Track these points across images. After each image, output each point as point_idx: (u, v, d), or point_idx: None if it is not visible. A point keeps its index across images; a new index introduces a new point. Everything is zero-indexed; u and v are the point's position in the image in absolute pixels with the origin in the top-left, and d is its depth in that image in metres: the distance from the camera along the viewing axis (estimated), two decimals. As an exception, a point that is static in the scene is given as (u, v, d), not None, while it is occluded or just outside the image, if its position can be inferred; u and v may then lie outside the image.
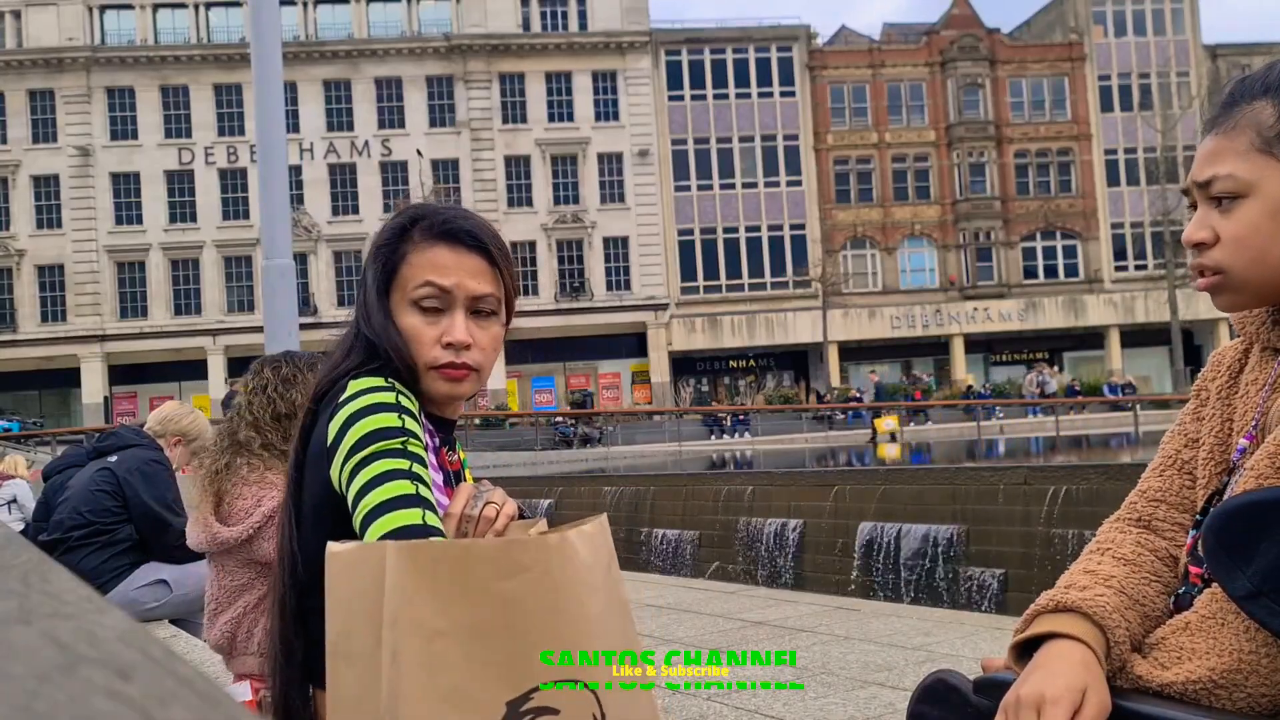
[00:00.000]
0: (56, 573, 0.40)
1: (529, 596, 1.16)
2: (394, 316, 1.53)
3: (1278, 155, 1.17)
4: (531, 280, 39.77)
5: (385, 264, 1.55)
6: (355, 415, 1.44)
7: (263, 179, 5.12)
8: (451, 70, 39.99)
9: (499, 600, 1.15)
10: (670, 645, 4.84)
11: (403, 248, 1.55)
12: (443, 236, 1.54)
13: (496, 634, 1.15)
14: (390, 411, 1.43)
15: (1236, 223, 1.19)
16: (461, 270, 1.53)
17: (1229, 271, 1.21)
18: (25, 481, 9.67)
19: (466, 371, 1.54)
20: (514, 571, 1.16)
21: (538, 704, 1.16)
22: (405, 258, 1.54)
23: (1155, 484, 1.33)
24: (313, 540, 1.49)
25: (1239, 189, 1.18)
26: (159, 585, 4.83)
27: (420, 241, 1.54)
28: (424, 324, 1.52)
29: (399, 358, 1.50)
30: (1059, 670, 1.11)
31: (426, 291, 1.51)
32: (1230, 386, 1.30)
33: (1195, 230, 1.22)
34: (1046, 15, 45.90)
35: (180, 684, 0.31)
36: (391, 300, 1.54)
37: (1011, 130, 42.14)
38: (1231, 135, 1.19)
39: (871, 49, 43.22)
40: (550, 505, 11.57)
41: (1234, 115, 1.20)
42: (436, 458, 1.52)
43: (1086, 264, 42.19)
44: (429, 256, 1.53)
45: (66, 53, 38.22)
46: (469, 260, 1.54)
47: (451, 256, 1.53)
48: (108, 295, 38.23)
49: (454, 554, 1.17)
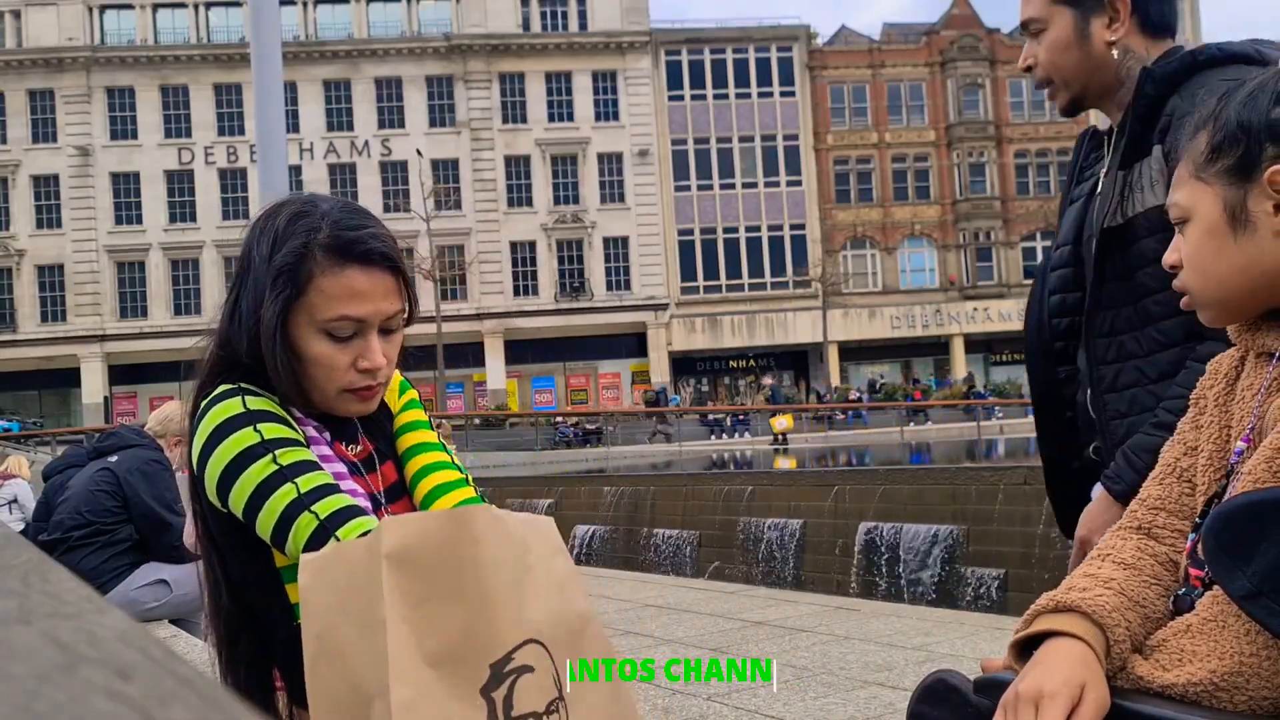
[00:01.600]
0: (56, 573, 0.40)
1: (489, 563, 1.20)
2: (296, 342, 1.44)
3: (1205, 180, 1.28)
4: (531, 280, 39.80)
5: (288, 290, 1.42)
6: (208, 442, 1.42)
7: (263, 179, 5.12)
8: (451, 70, 40.00)
9: (470, 566, 1.19)
10: (670, 645, 4.84)
11: (306, 268, 1.42)
12: (356, 259, 1.44)
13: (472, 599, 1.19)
14: (243, 427, 1.41)
15: (1187, 245, 1.32)
16: (377, 295, 1.45)
17: (1192, 291, 1.33)
18: (25, 482, 9.67)
19: (377, 389, 1.51)
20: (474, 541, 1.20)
21: (518, 663, 1.19)
22: (313, 282, 1.42)
23: (1155, 492, 1.35)
24: (232, 560, 1.48)
25: (1183, 215, 1.31)
26: (159, 585, 4.83)
27: (328, 265, 1.42)
28: (336, 350, 1.45)
29: (291, 387, 1.45)
30: (1057, 666, 1.12)
31: (343, 324, 1.44)
32: (1227, 393, 1.33)
33: (1168, 254, 1.37)
34: (1046, 15, 45.91)
35: (180, 684, 0.31)
36: (292, 322, 1.44)
37: (1011, 130, 42.16)
38: (1181, 165, 1.33)
39: (871, 49, 43.24)
40: (550, 505, 11.57)
41: (1188, 146, 1.33)
42: (331, 450, 1.50)
43: (1086, 264, 42.22)
44: (343, 283, 1.43)
45: (66, 53, 38.23)
46: (382, 281, 1.46)
47: (366, 281, 1.44)
48: (108, 295, 38.24)
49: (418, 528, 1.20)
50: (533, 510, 11.30)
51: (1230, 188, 1.25)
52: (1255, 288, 1.26)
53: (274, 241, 1.45)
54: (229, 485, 1.39)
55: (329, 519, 1.34)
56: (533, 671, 1.19)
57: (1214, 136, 1.27)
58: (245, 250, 1.49)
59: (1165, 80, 1.72)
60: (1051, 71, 1.83)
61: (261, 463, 1.38)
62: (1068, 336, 1.88)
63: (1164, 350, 1.69)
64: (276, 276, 1.42)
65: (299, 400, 1.48)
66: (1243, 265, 1.25)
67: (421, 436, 1.61)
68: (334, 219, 1.45)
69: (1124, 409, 1.71)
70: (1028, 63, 1.86)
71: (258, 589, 1.47)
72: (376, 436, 1.59)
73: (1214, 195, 1.27)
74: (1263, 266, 1.24)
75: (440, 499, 1.53)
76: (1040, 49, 1.82)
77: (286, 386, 1.44)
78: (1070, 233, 1.90)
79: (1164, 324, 1.69)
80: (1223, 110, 1.28)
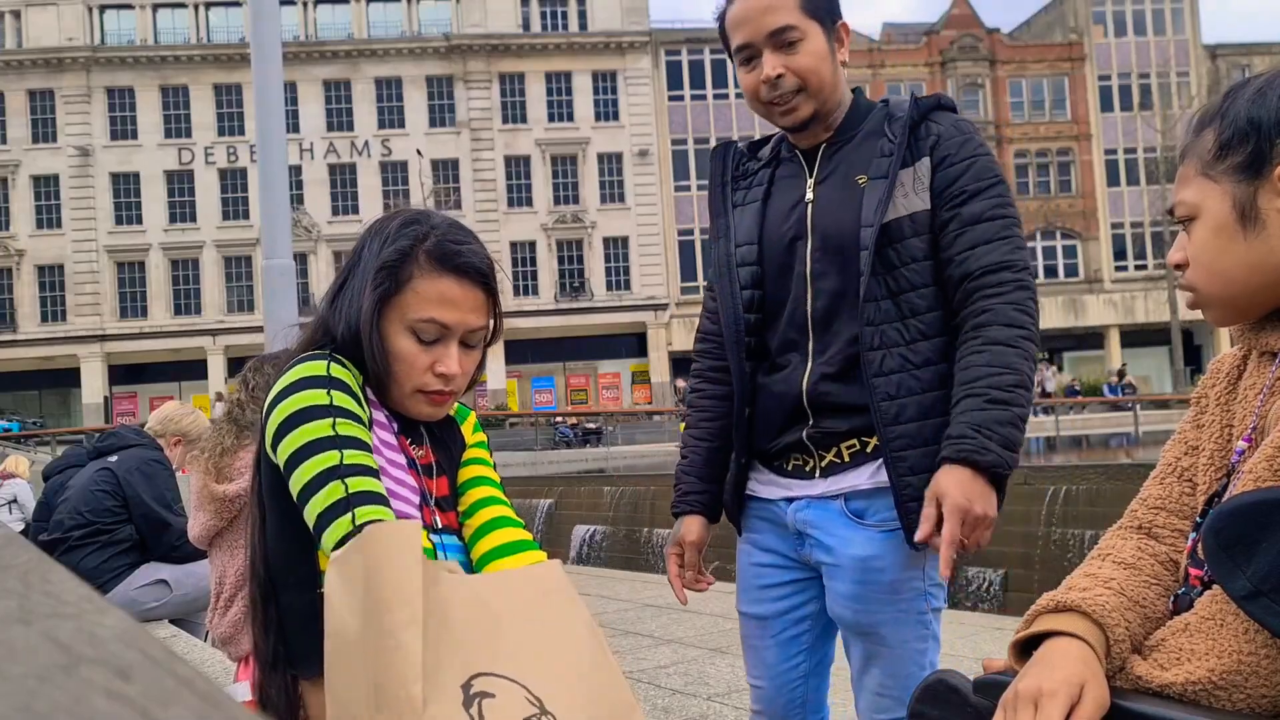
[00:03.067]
0: (56, 573, 0.40)
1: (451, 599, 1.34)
2: (386, 336, 1.54)
3: (1213, 177, 1.26)
4: (531, 280, 39.80)
5: (388, 284, 1.54)
6: (283, 392, 1.50)
7: (263, 179, 5.12)
8: (451, 70, 40.00)
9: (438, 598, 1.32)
10: (670, 645, 4.84)
11: (408, 269, 1.54)
12: (453, 270, 1.55)
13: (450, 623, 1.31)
14: (319, 388, 1.49)
15: (1193, 243, 1.30)
16: (466, 306, 1.56)
17: (1198, 289, 1.31)
18: (25, 481, 9.67)
19: (449, 396, 1.60)
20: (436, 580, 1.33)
21: (479, 689, 1.28)
22: (410, 283, 1.53)
23: (1155, 491, 1.35)
24: (274, 533, 1.56)
25: (1191, 212, 1.30)
26: (159, 585, 4.83)
27: (428, 269, 1.54)
28: (419, 350, 1.54)
29: (381, 372, 1.55)
30: (1057, 665, 1.12)
31: (430, 327, 1.54)
32: (1229, 393, 1.32)
33: (1173, 253, 1.35)
34: (1046, 15, 45.91)
35: (180, 684, 0.31)
36: (385, 317, 1.54)
37: (1011, 130, 42.15)
38: (1187, 163, 1.31)
39: (871, 49, 43.23)
40: (550, 505, 11.56)
41: (1194, 143, 1.31)
42: (397, 440, 1.58)
43: (1086, 264, 42.21)
44: (438, 289, 1.54)
45: (66, 53, 38.23)
46: (473, 295, 1.57)
47: (459, 292, 1.55)
48: (108, 295, 38.24)
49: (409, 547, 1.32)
50: (533, 510, 11.31)
51: (1239, 185, 1.24)
52: (1263, 285, 1.25)
53: (384, 242, 1.56)
54: (284, 434, 1.47)
55: (355, 495, 1.42)
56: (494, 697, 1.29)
57: (1222, 133, 1.25)
58: (358, 246, 1.61)
59: (925, 109, 1.93)
60: (810, 79, 1.89)
61: (321, 423, 1.46)
62: (752, 332, 2.00)
63: (925, 340, 1.85)
64: (379, 270, 1.53)
65: (378, 390, 1.58)
66: (1252, 263, 1.24)
67: (485, 472, 1.72)
68: (442, 231, 1.58)
69: (892, 392, 1.83)
70: (777, 72, 1.88)
71: (282, 553, 1.54)
72: (440, 451, 1.67)
73: (1222, 192, 1.25)
74: (1272, 264, 1.23)
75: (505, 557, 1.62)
76: (799, 57, 1.88)
77: (378, 369, 1.54)
78: (752, 233, 2.00)
79: (926, 316, 1.85)
80: (1230, 107, 1.26)
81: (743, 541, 2.10)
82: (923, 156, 1.87)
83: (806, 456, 1.94)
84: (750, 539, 2.07)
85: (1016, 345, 1.77)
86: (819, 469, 1.93)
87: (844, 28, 1.96)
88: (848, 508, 1.90)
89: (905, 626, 1.89)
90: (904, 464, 1.82)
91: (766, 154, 2.09)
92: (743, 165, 2.11)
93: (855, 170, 1.91)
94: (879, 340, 1.84)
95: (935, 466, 1.77)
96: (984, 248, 1.82)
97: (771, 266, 1.98)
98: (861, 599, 1.88)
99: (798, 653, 2.02)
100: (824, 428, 1.91)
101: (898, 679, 1.89)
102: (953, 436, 1.75)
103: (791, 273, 1.95)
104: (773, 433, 1.97)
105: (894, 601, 1.88)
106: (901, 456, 1.82)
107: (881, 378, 1.83)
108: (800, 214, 1.95)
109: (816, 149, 1.98)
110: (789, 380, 1.94)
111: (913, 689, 1.85)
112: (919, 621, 1.90)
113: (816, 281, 1.91)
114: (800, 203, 1.96)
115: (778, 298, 1.98)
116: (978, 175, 1.87)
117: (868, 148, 1.92)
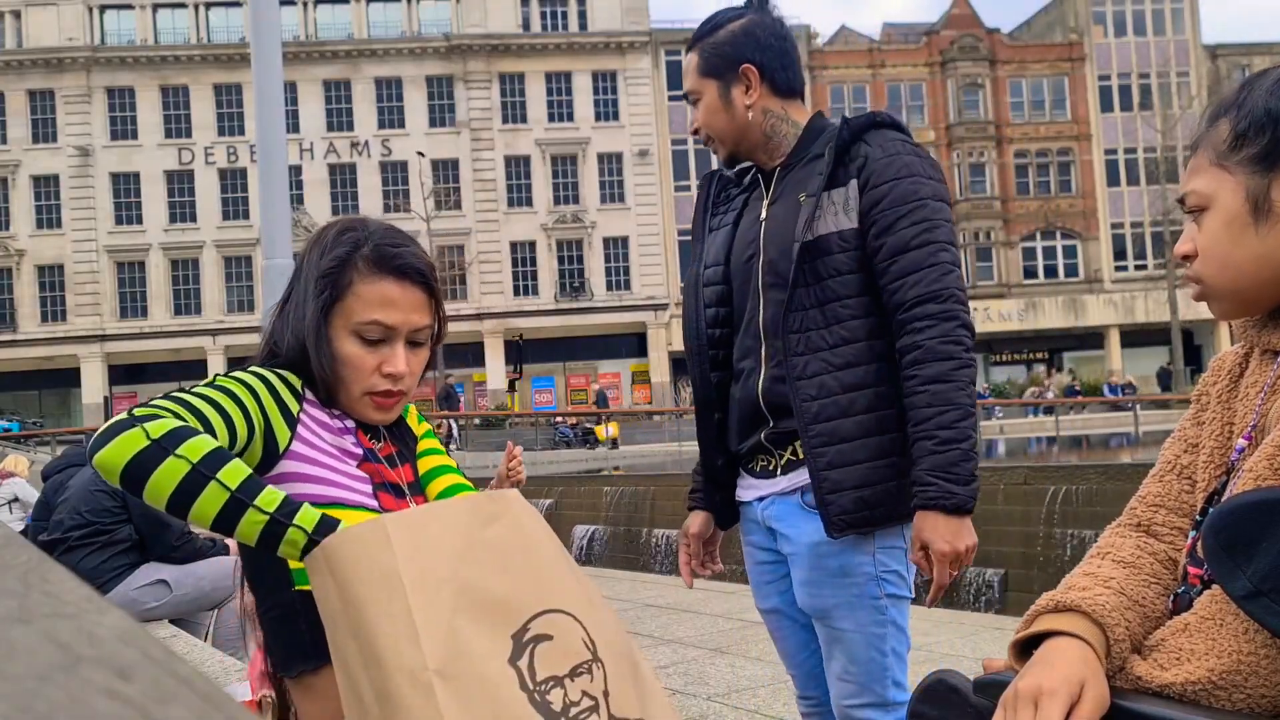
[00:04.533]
0: (56, 573, 0.40)
1: (506, 540, 1.31)
2: (332, 341, 1.58)
3: (1227, 168, 1.25)
4: (531, 280, 39.79)
5: (329, 292, 1.57)
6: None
7: (263, 179, 5.12)
8: (451, 70, 40.00)
9: (485, 546, 1.29)
10: (670, 645, 4.84)
11: (347, 275, 1.58)
12: (392, 272, 1.59)
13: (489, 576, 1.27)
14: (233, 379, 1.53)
15: (1204, 234, 1.28)
16: (407, 306, 1.60)
17: (1205, 281, 1.29)
18: (24, 480, 9.67)
19: (398, 398, 1.64)
20: (490, 520, 1.31)
21: (535, 632, 1.26)
22: (351, 287, 1.58)
23: (1154, 489, 1.35)
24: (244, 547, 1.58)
25: (1202, 202, 1.27)
26: (159, 585, 4.83)
27: (367, 273, 1.58)
28: (365, 353, 1.58)
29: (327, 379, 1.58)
30: (1057, 664, 1.12)
31: (374, 328, 1.58)
32: (1230, 390, 1.32)
33: (1181, 244, 1.33)
34: (1046, 15, 45.90)
35: (180, 684, 0.31)
36: (330, 323, 1.58)
37: (1011, 130, 42.14)
38: (1201, 152, 1.29)
39: (871, 49, 43.23)
40: (550, 505, 11.57)
41: (1208, 133, 1.28)
42: (354, 437, 1.62)
43: (1086, 264, 42.19)
44: (379, 291, 1.58)
45: (66, 53, 38.22)
46: (414, 295, 1.61)
47: (399, 292, 1.59)
48: (108, 295, 38.23)
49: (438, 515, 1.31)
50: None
51: (1254, 176, 1.22)
52: (1272, 279, 1.24)
53: (323, 251, 1.61)
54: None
55: (134, 415, 1.38)
56: (551, 639, 1.26)
57: (1238, 124, 1.24)
58: (299, 260, 1.66)
59: (858, 129, 2.06)
60: (710, 131, 2.15)
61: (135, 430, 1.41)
62: (720, 345, 2.19)
63: (848, 345, 1.99)
64: (321, 278, 1.58)
65: (329, 398, 1.61)
66: (1263, 255, 1.23)
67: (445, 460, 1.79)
68: (378, 236, 1.62)
69: (813, 393, 1.99)
70: (695, 125, 2.17)
71: (251, 562, 1.58)
72: (398, 443, 1.72)
73: (1236, 184, 1.24)
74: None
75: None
76: (700, 113, 2.15)
77: (326, 375, 1.58)
78: (721, 254, 2.20)
79: (850, 323, 2.00)
80: (1247, 98, 1.25)
81: (744, 546, 2.25)
82: (851, 179, 2.02)
83: (769, 456, 2.11)
84: (747, 540, 2.23)
85: (950, 379, 1.91)
86: (779, 467, 2.09)
87: (747, 71, 2.12)
88: (803, 500, 2.04)
89: (859, 610, 2.01)
90: (822, 459, 1.96)
91: (748, 179, 2.27)
92: (725, 191, 2.30)
93: (800, 189, 2.08)
94: (804, 345, 2.00)
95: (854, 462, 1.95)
96: (911, 278, 1.94)
97: (737, 282, 2.17)
98: (815, 584, 2.03)
99: (811, 638, 2.15)
100: (780, 428, 2.06)
101: (859, 664, 2.02)
102: (919, 484, 1.90)
103: (749, 288, 2.13)
104: (738, 437, 2.15)
105: (844, 585, 2.00)
106: (820, 452, 1.97)
107: (804, 380, 1.99)
108: (756, 232, 2.13)
109: (774, 172, 2.16)
110: (748, 386, 2.11)
111: (874, 674, 2.01)
112: (873, 607, 2.01)
113: (766, 293, 2.08)
114: (757, 221, 2.15)
115: (740, 312, 2.16)
116: (901, 199, 1.98)
117: (812, 168, 2.08)
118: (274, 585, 1.54)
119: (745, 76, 2.12)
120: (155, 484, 1.34)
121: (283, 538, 1.36)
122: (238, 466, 1.36)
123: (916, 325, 1.92)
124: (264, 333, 1.68)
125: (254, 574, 1.57)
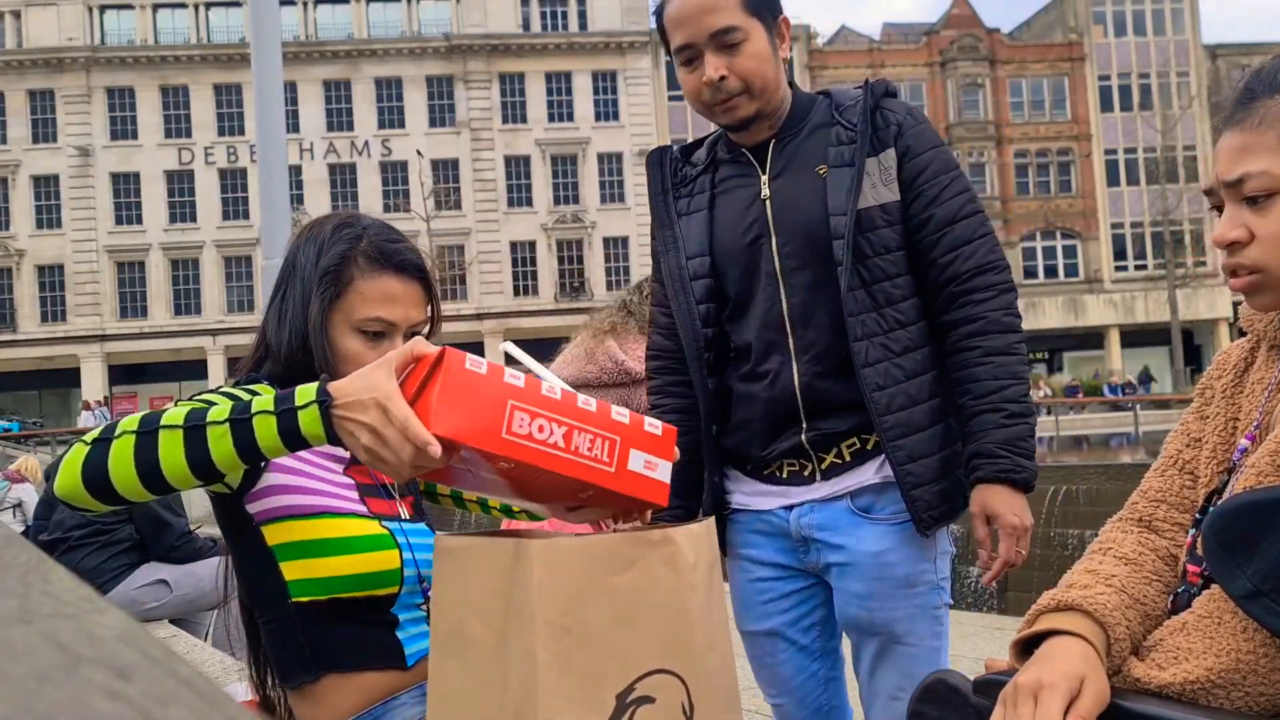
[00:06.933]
0: (56, 573, 0.40)
1: (636, 590, 1.19)
2: (331, 339, 1.57)
3: None
4: (531, 280, 39.79)
5: (331, 289, 1.56)
6: None
7: (263, 179, 5.12)
8: (451, 70, 39.99)
9: (613, 595, 1.17)
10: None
11: (348, 271, 1.57)
12: (393, 267, 1.59)
13: (610, 629, 1.16)
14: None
15: (1269, 221, 1.16)
16: (407, 301, 1.60)
17: (1268, 269, 1.17)
18: (32, 486, 9.64)
19: None
20: (624, 567, 1.19)
21: (640, 693, 1.17)
22: (352, 284, 1.57)
23: (1156, 484, 1.34)
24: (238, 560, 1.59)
25: (1274, 185, 1.15)
26: (159, 585, 4.83)
27: (368, 269, 1.58)
28: (365, 349, 1.57)
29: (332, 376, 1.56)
30: (1057, 660, 1.12)
31: (375, 324, 1.57)
32: (1236, 385, 1.29)
33: (1229, 229, 1.18)
34: (1046, 15, 45.90)
35: (180, 684, 0.31)
36: (329, 321, 1.57)
37: (1011, 130, 42.15)
38: (1259, 131, 1.16)
39: (871, 49, 43.23)
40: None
41: (1256, 110, 1.17)
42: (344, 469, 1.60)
43: (1086, 264, 42.19)
44: (380, 288, 1.57)
45: (66, 53, 38.21)
46: (413, 291, 1.61)
47: (400, 288, 1.59)
48: (108, 295, 38.23)
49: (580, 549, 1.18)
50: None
51: None
52: None
53: (320, 248, 1.59)
54: None
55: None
56: (653, 702, 1.17)
57: None
58: (290, 256, 1.63)
59: (880, 96, 1.90)
60: (754, 82, 1.83)
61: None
62: (711, 347, 1.96)
63: (903, 328, 1.84)
64: (323, 276, 1.56)
65: None
66: None
67: None
68: (375, 231, 1.62)
69: (880, 382, 1.82)
70: (720, 74, 1.82)
71: (247, 576, 1.56)
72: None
73: None
74: None
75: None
76: (742, 59, 1.82)
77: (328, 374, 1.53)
78: (702, 243, 1.95)
79: (902, 305, 1.85)
80: None
81: (734, 559, 2.01)
82: (887, 147, 1.85)
83: (804, 461, 1.90)
84: (745, 555, 1.99)
85: (1014, 352, 1.82)
86: (819, 472, 1.89)
87: (785, 23, 1.90)
88: (854, 505, 1.87)
89: (921, 622, 1.87)
90: (901, 452, 1.81)
91: (702, 157, 2.01)
92: (680, 171, 2.03)
93: (811, 162, 1.87)
94: (861, 330, 1.82)
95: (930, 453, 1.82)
96: (966, 249, 1.83)
97: (734, 271, 1.92)
98: (877, 595, 1.85)
99: (813, 660, 1.99)
100: (823, 429, 1.87)
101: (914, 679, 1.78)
102: (984, 455, 1.79)
103: (759, 273, 1.89)
104: (763, 441, 1.91)
105: (909, 596, 1.86)
106: (899, 445, 1.81)
107: (869, 368, 1.81)
108: (758, 212, 1.89)
109: (765, 145, 1.92)
110: (776, 385, 1.88)
111: None
112: (933, 617, 1.89)
113: (789, 278, 1.86)
114: (756, 200, 1.90)
115: (744, 303, 1.92)
116: (945, 167, 1.86)
117: (819, 138, 1.89)
118: (271, 599, 1.52)
119: (782, 28, 1.90)
120: (115, 474, 1.24)
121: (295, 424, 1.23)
122: (175, 410, 1.28)
123: (977, 297, 1.81)
124: (259, 331, 1.66)
125: (250, 588, 1.56)
